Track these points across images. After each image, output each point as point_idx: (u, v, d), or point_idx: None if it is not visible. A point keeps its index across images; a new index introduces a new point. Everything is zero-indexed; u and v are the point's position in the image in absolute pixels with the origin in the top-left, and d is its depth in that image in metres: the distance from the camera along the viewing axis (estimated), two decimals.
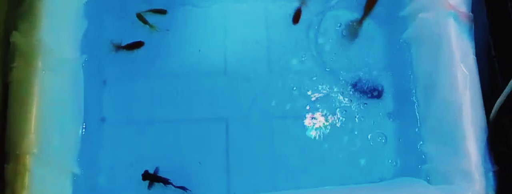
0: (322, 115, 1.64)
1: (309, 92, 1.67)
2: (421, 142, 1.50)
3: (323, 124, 1.63)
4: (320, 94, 1.67)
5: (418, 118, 1.54)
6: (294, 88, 1.67)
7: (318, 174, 1.59)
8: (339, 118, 1.64)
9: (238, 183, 1.58)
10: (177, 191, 1.54)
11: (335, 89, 1.67)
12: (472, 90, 1.34)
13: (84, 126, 1.51)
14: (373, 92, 1.65)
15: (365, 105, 1.65)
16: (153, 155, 1.60)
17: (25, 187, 1.25)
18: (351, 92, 1.66)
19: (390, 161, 1.60)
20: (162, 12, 1.73)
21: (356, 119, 1.63)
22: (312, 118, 1.64)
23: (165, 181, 1.53)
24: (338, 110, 1.65)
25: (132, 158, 1.59)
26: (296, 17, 1.73)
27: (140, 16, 1.71)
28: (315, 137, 1.63)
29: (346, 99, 1.65)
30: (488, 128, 1.33)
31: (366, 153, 1.61)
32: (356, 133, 1.62)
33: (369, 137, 1.62)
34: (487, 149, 1.32)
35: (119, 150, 1.61)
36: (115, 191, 1.57)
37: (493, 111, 1.29)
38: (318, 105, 1.65)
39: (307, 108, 1.65)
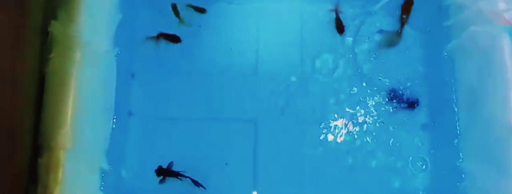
0: (354, 124, 1.60)
1: (341, 99, 1.63)
2: (461, 159, 1.47)
3: (355, 133, 1.60)
4: (352, 102, 1.63)
5: (457, 133, 1.50)
6: (326, 93, 1.63)
7: (347, 185, 1.55)
8: (371, 128, 1.60)
9: (264, 187, 1.55)
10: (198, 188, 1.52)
11: (368, 97, 1.63)
12: None
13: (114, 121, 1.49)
14: (409, 103, 1.61)
15: (400, 114, 1.60)
16: (179, 153, 1.57)
17: (58, 182, 1.23)
18: (385, 101, 1.62)
19: (423, 175, 1.55)
20: (201, 11, 1.70)
21: (390, 130, 1.59)
22: (344, 126, 1.60)
23: (179, 174, 1.50)
24: (371, 118, 1.61)
25: (158, 155, 1.56)
26: (340, 28, 1.68)
27: (174, 8, 1.68)
28: (345, 145, 1.59)
29: (380, 108, 1.62)
30: None
31: (399, 168, 1.57)
32: (388, 146, 1.58)
33: (408, 159, 1.57)
34: None
35: (146, 146, 1.58)
36: (140, 187, 1.54)
37: None
38: (350, 112, 1.62)
39: (339, 114, 1.62)
